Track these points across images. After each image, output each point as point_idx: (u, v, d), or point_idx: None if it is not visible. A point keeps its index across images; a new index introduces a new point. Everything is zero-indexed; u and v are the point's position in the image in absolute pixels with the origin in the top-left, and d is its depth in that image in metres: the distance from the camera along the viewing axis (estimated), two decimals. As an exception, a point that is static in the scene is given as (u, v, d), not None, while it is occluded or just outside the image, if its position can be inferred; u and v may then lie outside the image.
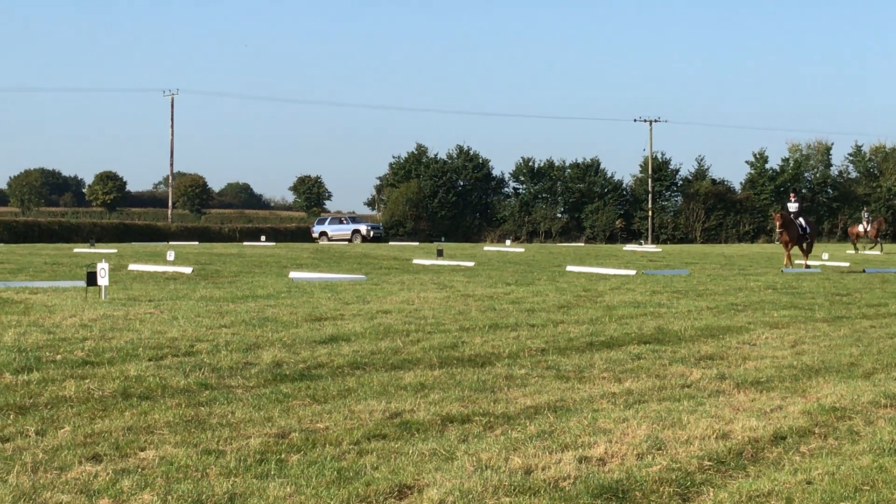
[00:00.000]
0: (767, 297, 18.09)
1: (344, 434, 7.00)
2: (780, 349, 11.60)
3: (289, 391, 8.52)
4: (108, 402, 7.95)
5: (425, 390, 8.68)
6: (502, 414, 7.77)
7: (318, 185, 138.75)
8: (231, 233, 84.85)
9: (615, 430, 7.22)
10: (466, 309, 14.95)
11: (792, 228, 30.78)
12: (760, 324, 13.98)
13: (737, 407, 8.17)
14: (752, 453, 6.73)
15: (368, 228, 75.36)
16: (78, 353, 10.03)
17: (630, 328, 13.12)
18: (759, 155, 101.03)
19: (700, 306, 16.07)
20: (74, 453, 6.40)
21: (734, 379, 9.49)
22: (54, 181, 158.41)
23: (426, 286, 19.28)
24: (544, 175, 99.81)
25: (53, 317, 13.03)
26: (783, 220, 30.91)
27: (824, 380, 9.59)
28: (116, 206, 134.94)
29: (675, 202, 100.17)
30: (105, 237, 70.30)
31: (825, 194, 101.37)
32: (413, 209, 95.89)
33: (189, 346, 10.66)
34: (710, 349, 11.46)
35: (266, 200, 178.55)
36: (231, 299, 15.92)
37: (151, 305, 14.63)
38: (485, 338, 11.88)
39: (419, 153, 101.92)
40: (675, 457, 6.55)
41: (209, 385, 8.69)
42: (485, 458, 6.45)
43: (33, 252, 36.11)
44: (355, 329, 12.32)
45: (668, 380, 9.43)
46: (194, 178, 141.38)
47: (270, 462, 6.32)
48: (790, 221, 30.95)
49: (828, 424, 7.57)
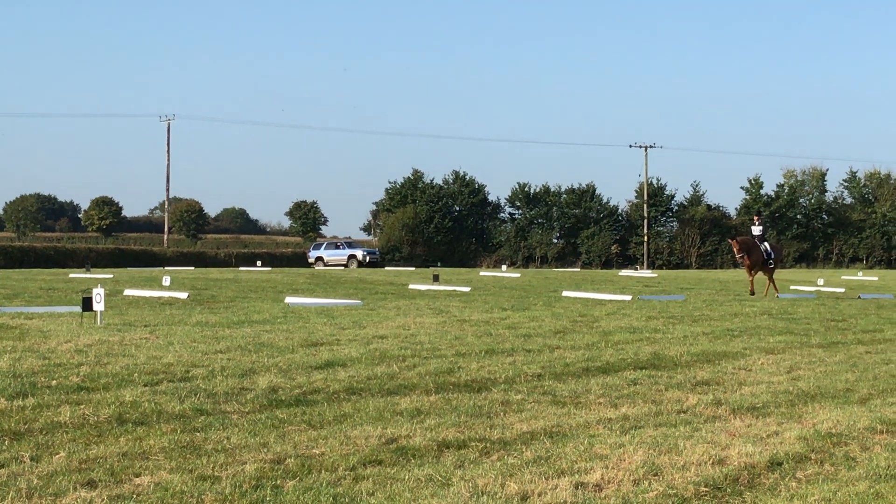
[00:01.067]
0: (763, 323, 18.10)
1: (340, 460, 6.98)
2: (775, 375, 11.60)
3: (284, 417, 8.50)
4: (103, 427, 7.93)
5: (421, 416, 8.67)
6: (498, 439, 7.76)
7: (314, 211, 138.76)
8: (227, 258, 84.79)
9: (611, 456, 7.21)
10: (462, 334, 14.94)
11: (755, 253, 30.02)
12: (756, 349, 13.98)
13: (733, 433, 8.16)
14: (748, 479, 6.72)
15: (364, 253, 75.42)
16: (73, 379, 10.01)
17: (626, 354, 13.12)
18: (754, 181, 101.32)
19: (696, 332, 16.08)
20: (69, 479, 6.38)
21: (730, 404, 9.49)
22: (50, 206, 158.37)
23: (422, 311, 19.28)
24: (540, 200, 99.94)
25: (49, 342, 13.01)
26: (740, 246, 30.13)
27: (820, 405, 9.59)
28: (112, 231, 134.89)
29: (671, 228, 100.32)
30: (101, 262, 70.26)
31: (820, 220, 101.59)
32: (409, 234, 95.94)
33: (185, 372, 10.64)
34: (706, 375, 11.46)
35: (262, 226, 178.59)
36: (227, 324, 15.91)
37: (147, 331, 14.62)
38: (481, 363, 11.87)
39: (415, 178, 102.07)
40: (672, 483, 6.55)
41: (205, 410, 8.67)
42: (481, 484, 6.44)
43: (29, 277, 36.07)
44: (351, 354, 12.30)
45: (665, 405, 9.43)
46: (190, 204, 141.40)
47: (266, 488, 6.30)
48: (753, 245, 30.23)
49: (824, 450, 7.56)
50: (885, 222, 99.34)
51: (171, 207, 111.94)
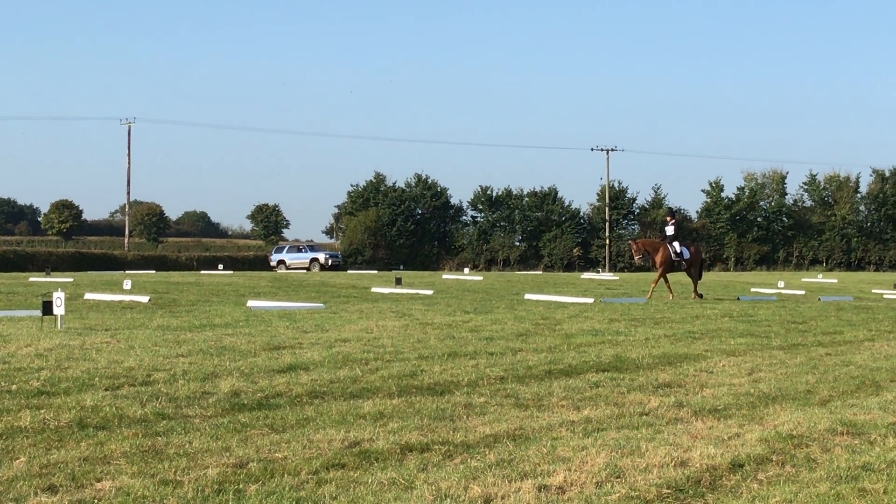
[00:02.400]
0: (724, 325, 18.19)
1: (303, 463, 6.96)
2: (737, 377, 11.66)
3: (247, 420, 8.48)
4: (63, 432, 7.88)
5: (384, 419, 8.66)
6: (461, 442, 7.76)
7: (275, 214, 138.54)
8: (188, 261, 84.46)
9: (574, 459, 7.23)
10: (425, 337, 14.94)
11: (660, 252, 29.45)
12: (717, 351, 14.05)
13: (695, 434, 8.20)
14: (710, 481, 6.75)
15: (327, 257, 75.28)
16: (33, 383, 9.94)
17: (588, 356, 13.15)
18: (714, 184, 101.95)
19: (657, 334, 16.14)
20: (30, 484, 6.34)
21: (692, 406, 9.53)
22: (9, 210, 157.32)
23: (385, 314, 19.26)
24: (502, 203, 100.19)
25: (8, 346, 12.91)
26: (637, 247, 29.97)
27: (781, 407, 9.64)
28: (72, 234, 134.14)
29: (633, 230, 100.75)
30: (61, 266, 69.81)
31: (780, 223, 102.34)
32: (371, 237, 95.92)
33: (146, 376, 10.59)
34: (667, 377, 11.50)
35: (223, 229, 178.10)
36: (188, 328, 15.85)
37: (108, 335, 14.53)
38: (444, 366, 11.87)
39: (377, 181, 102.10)
40: (634, 485, 6.57)
41: (166, 415, 8.63)
42: (444, 486, 6.44)
43: (-12, 281, 35.80)
44: (314, 358, 12.28)
45: (627, 408, 9.46)
46: (151, 207, 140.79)
47: (228, 492, 6.28)
48: (656, 246, 29.89)
49: (785, 452, 7.61)
50: (844, 225, 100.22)
51: (131, 211, 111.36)
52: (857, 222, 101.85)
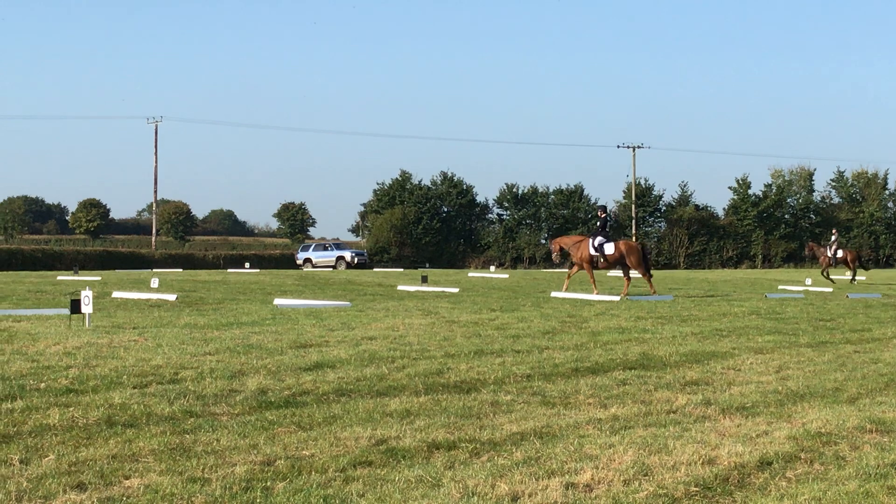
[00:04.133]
0: (751, 323, 18.12)
1: (330, 461, 6.97)
2: (764, 374, 11.61)
3: (274, 418, 8.49)
4: (92, 430, 7.91)
5: (411, 417, 8.66)
6: (488, 440, 7.76)
7: (302, 212, 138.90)
8: (215, 260, 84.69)
9: (601, 456, 7.21)
10: (451, 335, 14.94)
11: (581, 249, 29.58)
12: (745, 349, 14.00)
13: (722, 432, 8.17)
14: (738, 479, 6.72)
15: (353, 255, 75.33)
16: (62, 381, 9.99)
17: (615, 354, 13.12)
18: (741, 181, 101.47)
19: (685, 332, 16.09)
20: (59, 482, 6.36)
21: (720, 404, 9.50)
22: (37, 209, 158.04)
23: (411, 312, 19.26)
24: (528, 201, 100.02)
25: (37, 345, 12.98)
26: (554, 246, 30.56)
27: (809, 405, 9.60)
28: (100, 233, 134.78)
29: (659, 228, 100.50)
30: (89, 265, 70.14)
31: (808, 220, 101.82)
32: (397, 235, 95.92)
33: (173, 374, 10.62)
34: (695, 375, 11.46)
35: (250, 227, 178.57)
36: (215, 326, 15.88)
37: (135, 333, 14.58)
38: (470, 364, 11.86)
39: (403, 180, 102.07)
40: (662, 483, 6.55)
41: (194, 412, 8.66)
42: (471, 484, 6.43)
43: (16, 280, 35.98)
44: (340, 356, 12.29)
45: (654, 405, 9.43)
46: (178, 206, 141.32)
47: (256, 490, 6.29)
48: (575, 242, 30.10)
49: (814, 450, 7.57)
50: (872, 222, 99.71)
51: (158, 209, 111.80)
52: (886, 219, 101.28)
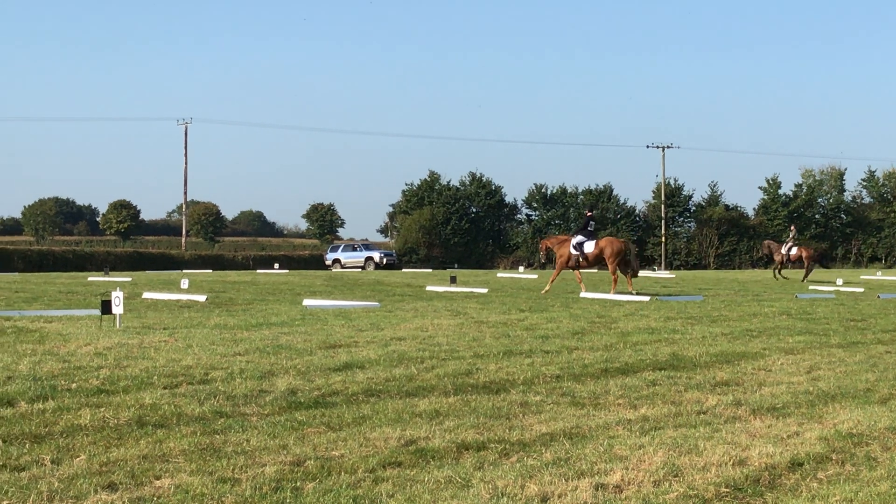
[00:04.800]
0: (782, 323, 18.04)
1: (359, 462, 6.98)
2: (795, 375, 11.56)
3: (304, 419, 8.51)
4: (123, 430, 7.95)
5: (440, 417, 8.67)
6: (518, 441, 7.75)
7: (330, 213, 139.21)
8: (244, 260, 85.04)
9: (631, 457, 7.20)
10: (480, 335, 14.93)
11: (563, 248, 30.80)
12: (775, 350, 13.94)
13: (753, 433, 8.14)
14: (769, 480, 6.70)
15: (381, 255, 75.47)
16: (93, 382, 10.04)
17: (645, 354, 13.09)
18: (772, 181, 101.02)
19: (715, 332, 16.04)
20: (90, 482, 6.39)
21: (750, 405, 9.46)
22: (68, 210, 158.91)
23: (440, 313, 19.26)
24: (557, 201, 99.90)
25: (68, 345, 13.04)
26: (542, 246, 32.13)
27: (840, 406, 9.55)
28: (130, 234, 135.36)
29: (689, 228, 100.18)
30: (119, 266, 70.50)
31: (839, 220, 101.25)
32: (426, 236, 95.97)
33: (204, 374, 10.66)
34: (725, 375, 11.42)
35: (279, 228, 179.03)
36: (245, 327, 15.93)
37: (166, 333, 14.64)
38: (499, 364, 11.86)
39: (432, 180, 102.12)
40: (692, 484, 6.53)
41: (224, 413, 8.68)
42: (501, 485, 6.43)
43: (48, 281, 36.17)
44: (369, 356, 12.30)
45: (684, 406, 9.40)
46: (208, 207, 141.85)
47: (286, 490, 6.30)
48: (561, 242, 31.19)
49: (845, 451, 7.53)
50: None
51: (188, 210, 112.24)
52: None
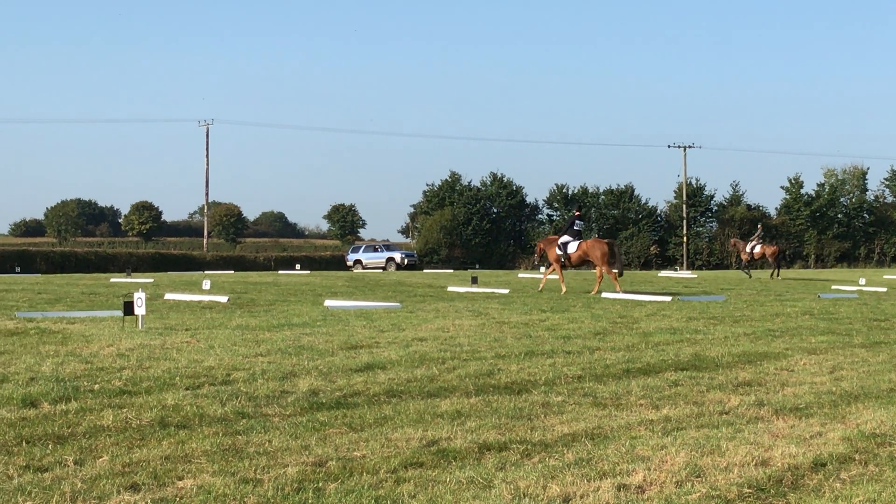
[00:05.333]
0: (805, 323, 17.97)
1: (381, 462, 6.98)
2: (818, 375, 11.51)
3: (325, 419, 8.52)
4: (145, 431, 7.97)
5: (462, 418, 8.66)
6: (539, 441, 7.74)
7: (352, 214, 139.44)
8: (266, 261, 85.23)
9: (653, 458, 7.18)
10: (502, 336, 14.92)
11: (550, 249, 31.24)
12: (798, 350, 13.88)
13: (776, 433, 8.11)
14: (792, 480, 6.67)
15: (403, 256, 75.52)
16: (115, 383, 10.07)
17: (667, 355, 13.06)
18: (794, 180, 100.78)
19: (737, 332, 15.99)
20: (113, 483, 6.41)
21: (773, 405, 9.43)
22: (90, 211, 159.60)
23: (461, 313, 19.25)
24: (578, 201, 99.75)
25: (91, 346, 13.09)
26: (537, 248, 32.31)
27: (864, 406, 9.51)
28: (152, 235, 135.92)
29: (710, 228, 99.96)
30: (141, 267, 70.76)
31: (861, 219, 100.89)
32: (447, 237, 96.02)
33: (226, 375, 10.68)
34: (747, 375, 11.38)
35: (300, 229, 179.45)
36: (267, 328, 15.95)
37: (188, 334, 14.68)
38: (521, 365, 11.85)
39: (453, 181, 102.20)
40: (715, 484, 6.51)
41: (246, 413, 8.70)
42: (523, 486, 6.42)
43: (70, 282, 36.31)
44: (391, 357, 12.31)
45: (706, 406, 9.37)
46: (229, 208, 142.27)
47: (308, 491, 6.31)
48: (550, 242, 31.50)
49: (868, 451, 7.50)
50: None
51: (210, 212, 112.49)
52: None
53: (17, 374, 10.55)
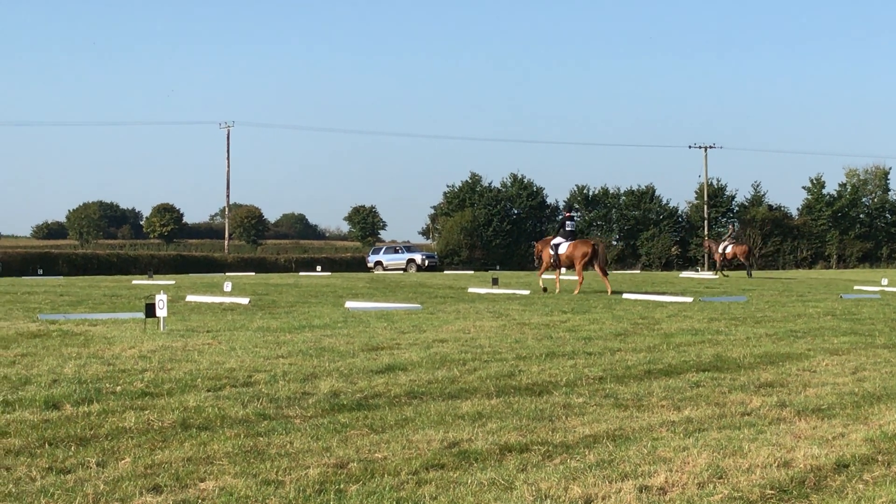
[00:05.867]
0: (827, 324, 17.91)
1: (402, 464, 6.98)
2: (840, 376, 11.46)
3: (346, 421, 8.52)
4: (167, 432, 7.99)
5: (483, 419, 8.66)
6: (561, 443, 7.73)
7: (372, 215, 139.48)
8: (287, 263, 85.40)
9: (675, 459, 7.16)
10: (523, 337, 14.91)
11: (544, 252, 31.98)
12: (820, 350, 13.83)
13: (798, 435, 8.08)
14: (814, 482, 6.65)
15: (423, 257, 75.57)
16: (137, 385, 10.10)
17: (688, 356, 13.03)
18: (815, 180, 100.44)
19: (759, 333, 15.94)
20: (135, 484, 6.43)
21: (795, 406, 9.39)
22: (112, 214, 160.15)
23: (482, 315, 19.25)
24: (599, 202, 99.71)
25: (113, 348, 13.13)
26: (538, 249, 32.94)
27: (886, 406, 9.46)
28: (173, 237, 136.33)
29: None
30: (163, 269, 71.01)
31: (884, 219, 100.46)
32: (467, 238, 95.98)
33: (247, 377, 10.70)
34: (769, 376, 11.35)
35: (321, 230, 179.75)
36: (288, 329, 15.98)
37: (209, 336, 14.71)
38: (542, 366, 11.84)
39: (473, 182, 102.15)
40: (737, 485, 6.49)
41: (267, 415, 8.71)
42: (544, 487, 6.42)
43: (92, 284, 36.45)
44: (412, 358, 12.31)
45: (728, 408, 9.35)
46: (250, 210, 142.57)
47: (329, 492, 6.31)
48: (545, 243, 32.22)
49: (891, 452, 7.46)
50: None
51: (231, 214, 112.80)
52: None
53: (39, 377, 10.59)
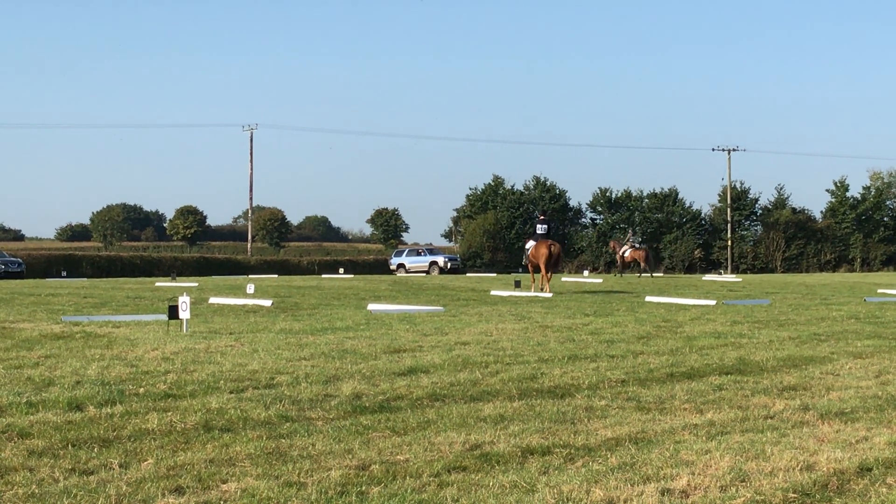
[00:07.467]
0: (850, 327, 17.83)
1: (424, 466, 6.98)
2: (864, 379, 11.41)
3: (368, 423, 8.53)
4: (190, 434, 8.01)
5: (505, 422, 8.65)
6: (583, 446, 7.71)
7: (395, 218, 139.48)
8: (310, 265, 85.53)
9: (698, 462, 7.14)
10: (545, 340, 14.90)
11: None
12: (844, 353, 13.77)
13: (821, 438, 8.04)
14: (837, 485, 6.61)
15: (446, 260, 75.66)
16: (160, 386, 10.13)
17: (711, 359, 12.99)
18: (839, 183, 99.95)
19: (782, 336, 15.88)
20: (157, 486, 6.45)
21: (818, 410, 9.35)
22: (136, 216, 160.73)
23: (504, 317, 19.24)
24: (622, 205, 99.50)
25: (136, 350, 13.18)
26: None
27: (911, 410, 9.42)
28: (197, 240, 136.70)
29: (755, 231, 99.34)
30: (186, 271, 71.25)
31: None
32: (490, 240, 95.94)
33: (269, 379, 10.72)
34: (792, 380, 11.30)
35: (344, 233, 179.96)
36: (310, 332, 16.00)
37: (232, 338, 14.75)
38: (564, 369, 11.82)
39: (496, 184, 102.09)
40: (760, 489, 6.46)
41: (290, 417, 8.72)
42: (566, 490, 6.40)
43: (116, 286, 36.61)
44: (434, 361, 12.31)
45: (751, 411, 9.31)
46: (273, 212, 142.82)
47: (352, 494, 6.31)
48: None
49: (915, 456, 7.43)
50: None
51: (254, 216, 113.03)
52: None
53: (63, 378, 10.64)
